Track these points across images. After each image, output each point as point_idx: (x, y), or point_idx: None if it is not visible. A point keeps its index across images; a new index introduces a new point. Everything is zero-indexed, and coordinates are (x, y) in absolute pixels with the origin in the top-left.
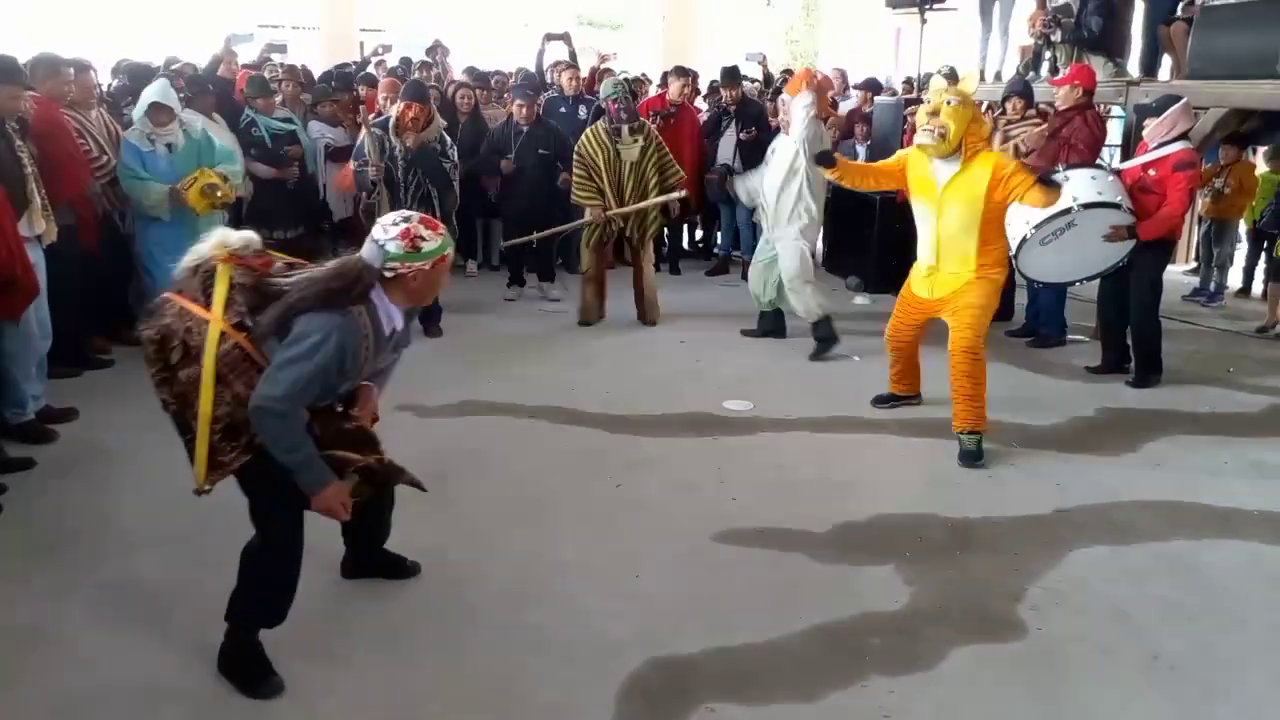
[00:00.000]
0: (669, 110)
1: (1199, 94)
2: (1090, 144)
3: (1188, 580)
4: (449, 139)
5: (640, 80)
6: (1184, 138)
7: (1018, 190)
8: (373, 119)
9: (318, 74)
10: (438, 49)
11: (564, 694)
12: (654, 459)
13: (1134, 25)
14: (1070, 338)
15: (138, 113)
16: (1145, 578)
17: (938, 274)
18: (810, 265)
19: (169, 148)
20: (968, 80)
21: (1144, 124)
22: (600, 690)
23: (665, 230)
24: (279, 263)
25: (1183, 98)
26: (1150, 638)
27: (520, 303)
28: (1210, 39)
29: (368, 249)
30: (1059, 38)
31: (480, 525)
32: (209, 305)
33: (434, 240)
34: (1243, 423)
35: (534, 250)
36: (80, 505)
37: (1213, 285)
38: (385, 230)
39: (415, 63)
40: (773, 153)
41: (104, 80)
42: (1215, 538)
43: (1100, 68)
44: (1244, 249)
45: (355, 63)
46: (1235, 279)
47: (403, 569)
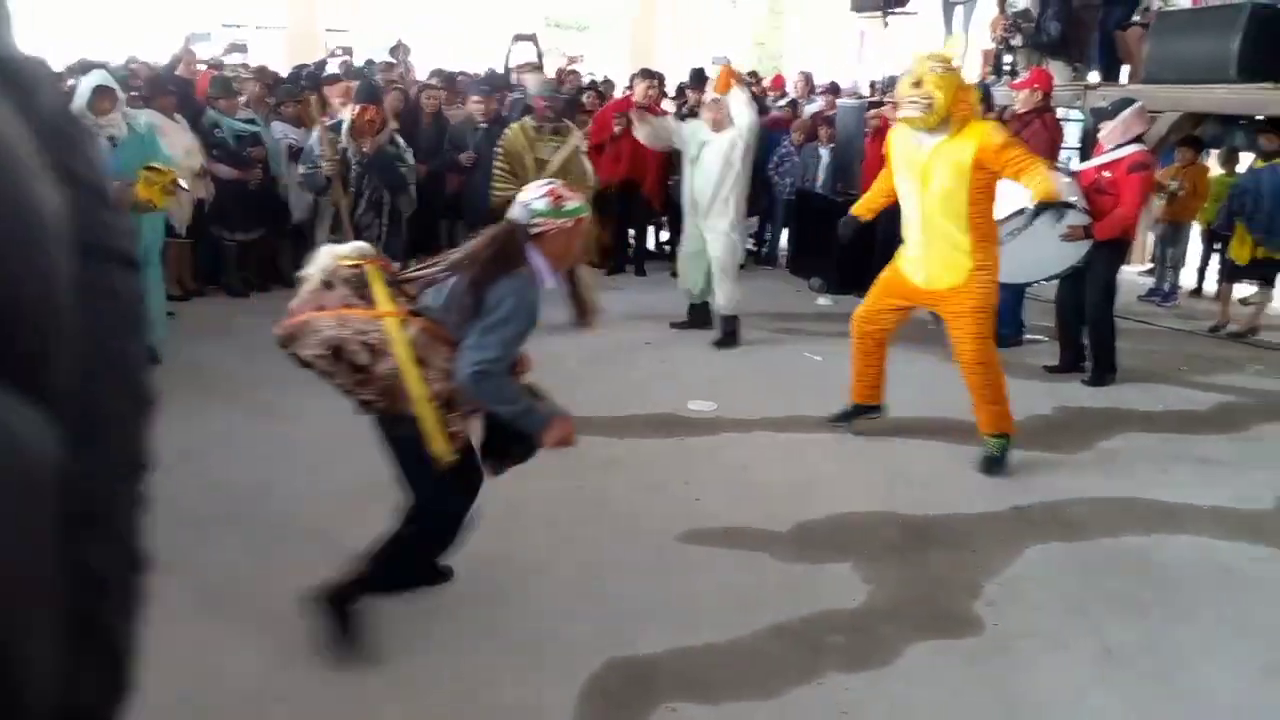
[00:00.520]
0: (632, 114)
1: (1154, 98)
2: (1048, 146)
3: (1139, 574)
4: (402, 141)
5: (606, 83)
6: (1139, 140)
7: (1014, 166)
8: (326, 121)
9: (282, 74)
10: (400, 49)
11: (525, 695)
12: (619, 460)
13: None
14: (1028, 337)
15: (79, 103)
16: (1098, 572)
17: (929, 259)
18: (739, 258)
19: (111, 141)
20: (952, 45)
21: (1100, 127)
22: (562, 691)
23: (630, 232)
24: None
25: (1138, 101)
26: (1103, 631)
27: None
28: (1165, 44)
29: (515, 211)
30: (1019, 42)
31: None
32: (369, 306)
33: (574, 200)
34: (1194, 420)
35: None
36: None
37: (1167, 285)
38: (532, 192)
39: (378, 63)
40: (703, 146)
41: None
42: (1166, 533)
43: (1059, 72)
44: (1198, 250)
45: (315, 63)
46: (1190, 279)
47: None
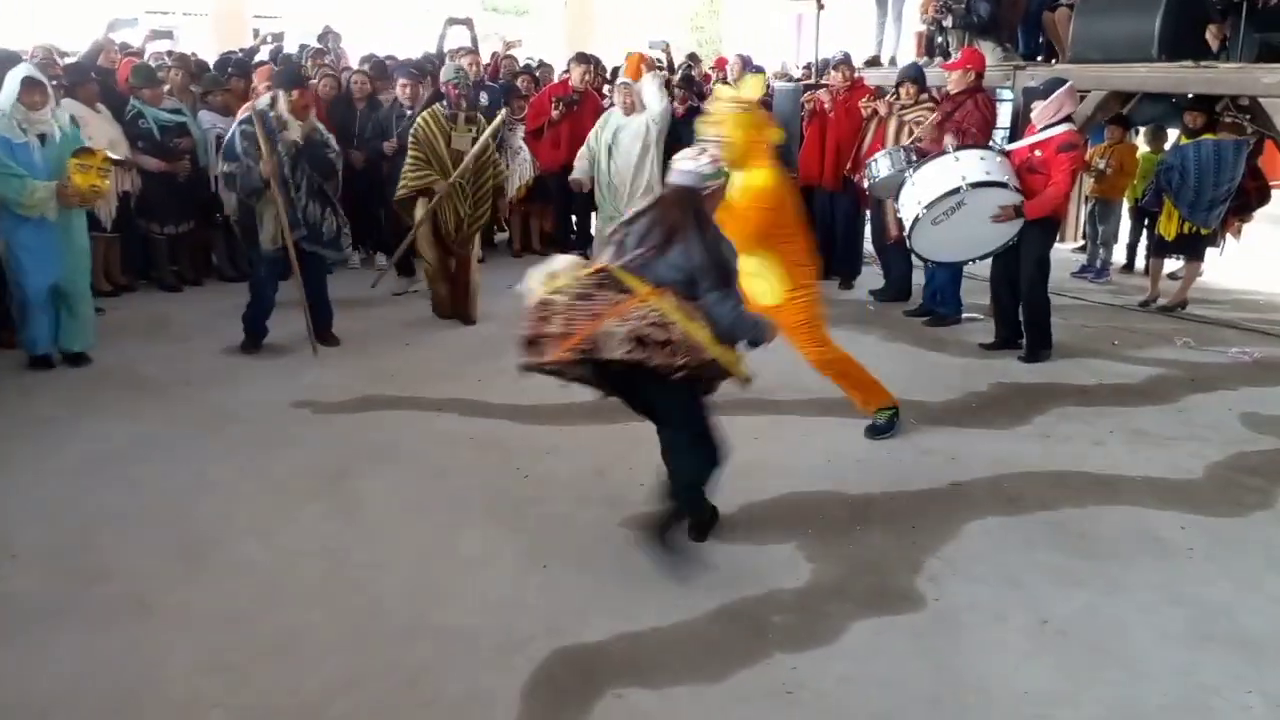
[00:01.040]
0: (572, 97)
1: (1081, 77)
2: (981, 126)
3: (1075, 546)
4: (322, 126)
5: (542, 66)
6: (1068, 120)
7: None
8: (242, 113)
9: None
10: (330, 35)
11: (470, 690)
12: (562, 447)
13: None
14: (965, 315)
15: (6, 100)
16: (1035, 545)
17: (753, 280)
18: None
19: (42, 139)
20: (750, 86)
21: (1031, 106)
22: (507, 684)
23: (573, 219)
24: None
25: (1068, 81)
26: (1040, 603)
27: (418, 295)
28: (1090, 24)
29: (681, 178)
30: (950, 23)
31: (384, 522)
32: (631, 295)
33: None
34: (1127, 393)
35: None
36: None
37: (1099, 262)
38: (693, 160)
39: (309, 49)
40: (618, 131)
41: None
42: (1100, 505)
43: (990, 52)
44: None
45: (243, 50)
46: (1121, 256)
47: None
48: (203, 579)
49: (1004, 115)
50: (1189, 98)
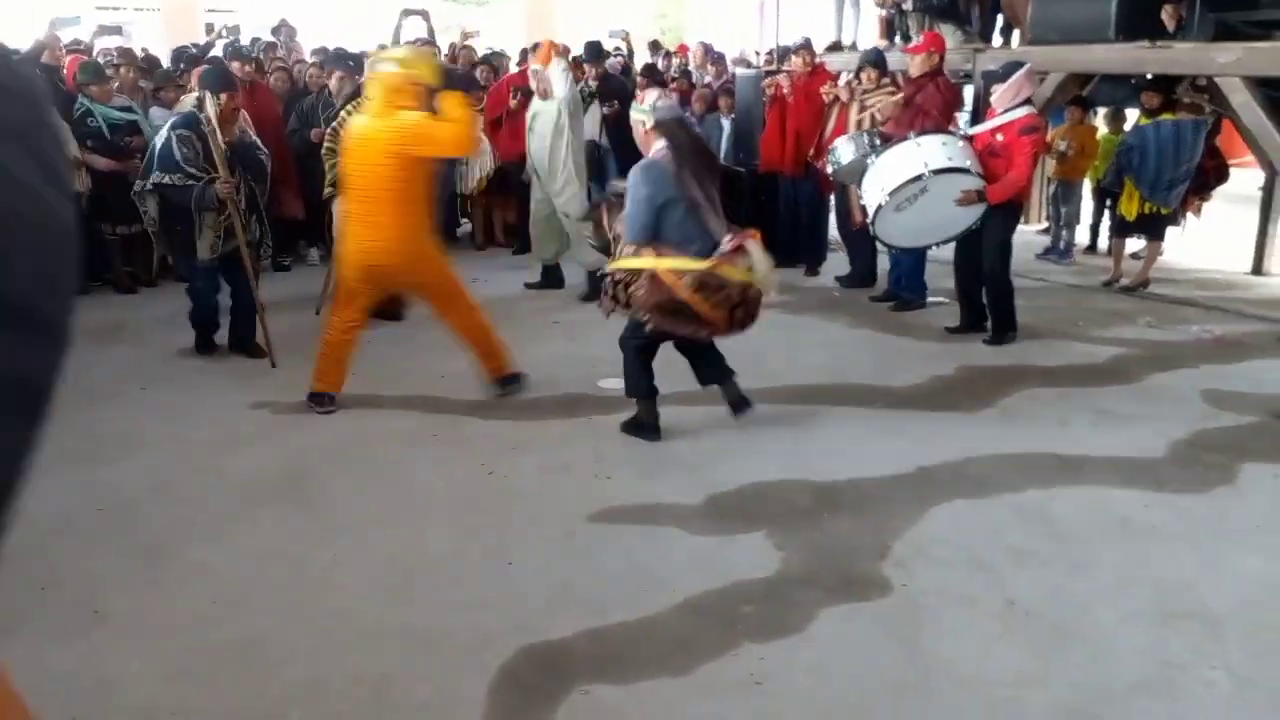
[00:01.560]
0: (530, 86)
1: (1040, 59)
2: (943, 109)
3: (1040, 528)
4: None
5: (499, 55)
6: (1028, 103)
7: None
8: (170, 117)
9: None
10: (283, 28)
11: (436, 692)
12: (527, 443)
13: None
14: (930, 300)
15: None
16: (1001, 528)
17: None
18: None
19: None
20: (413, 61)
21: (991, 90)
22: (473, 684)
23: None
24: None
25: (1027, 64)
26: (1007, 585)
27: None
28: (1048, 6)
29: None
30: (910, 6)
31: (345, 523)
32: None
33: None
34: (1091, 373)
35: None
36: None
37: (1062, 244)
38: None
39: (262, 43)
40: (535, 117)
41: None
42: (1065, 485)
43: (950, 35)
44: (1090, 207)
45: (197, 45)
46: (1084, 236)
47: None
48: (159, 585)
49: (965, 98)
50: (1147, 78)
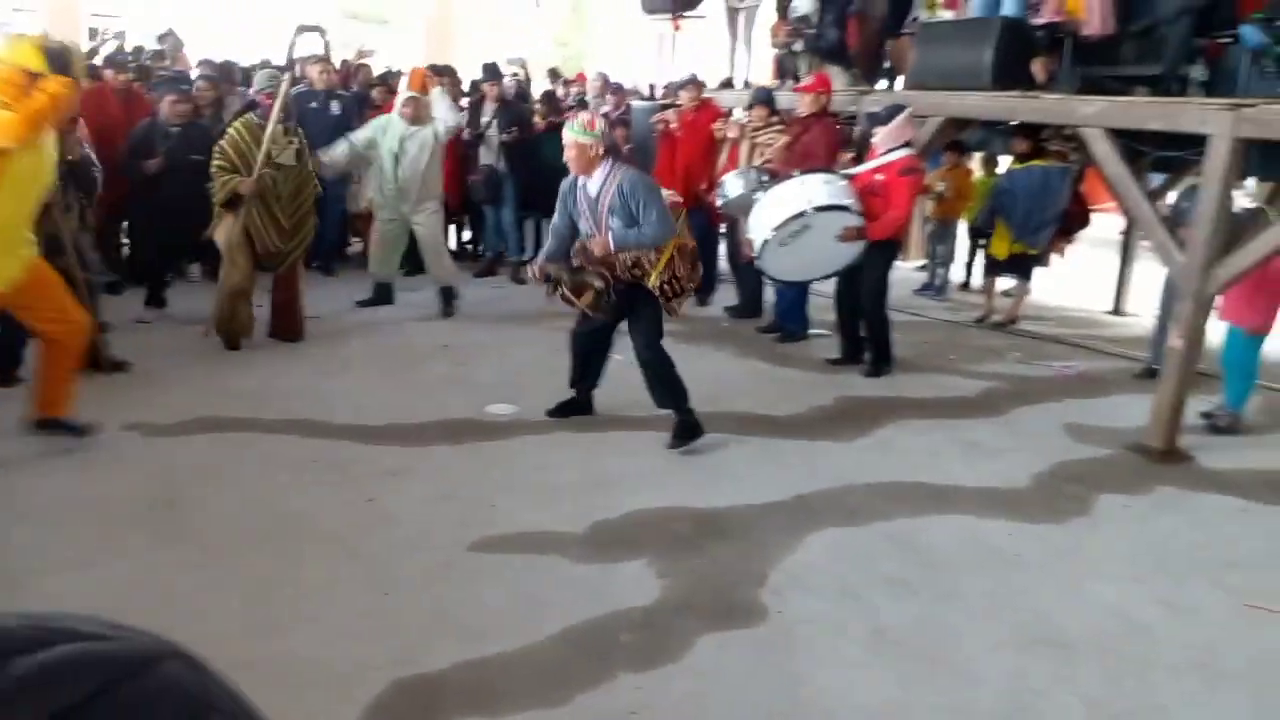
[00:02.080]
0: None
1: (920, 103)
2: (828, 149)
3: (911, 556)
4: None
5: (396, 75)
6: (909, 145)
7: None
8: None
9: None
10: (169, 37)
11: None
12: (410, 469)
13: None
14: (813, 332)
15: None
16: (873, 556)
17: None
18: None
19: None
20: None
21: (874, 131)
22: (344, 717)
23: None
24: None
25: (909, 107)
26: (876, 613)
27: None
28: (929, 53)
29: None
30: (800, 47)
31: (215, 552)
32: None
33: None
34: (961, 405)
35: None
36: None
37: (938, 281)
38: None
39: (147, 52)
40: (404, 139)
41: None
42: (935, 514)
43: (837, 77)
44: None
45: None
46: (959, 274)
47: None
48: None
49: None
50: (1019, 125)
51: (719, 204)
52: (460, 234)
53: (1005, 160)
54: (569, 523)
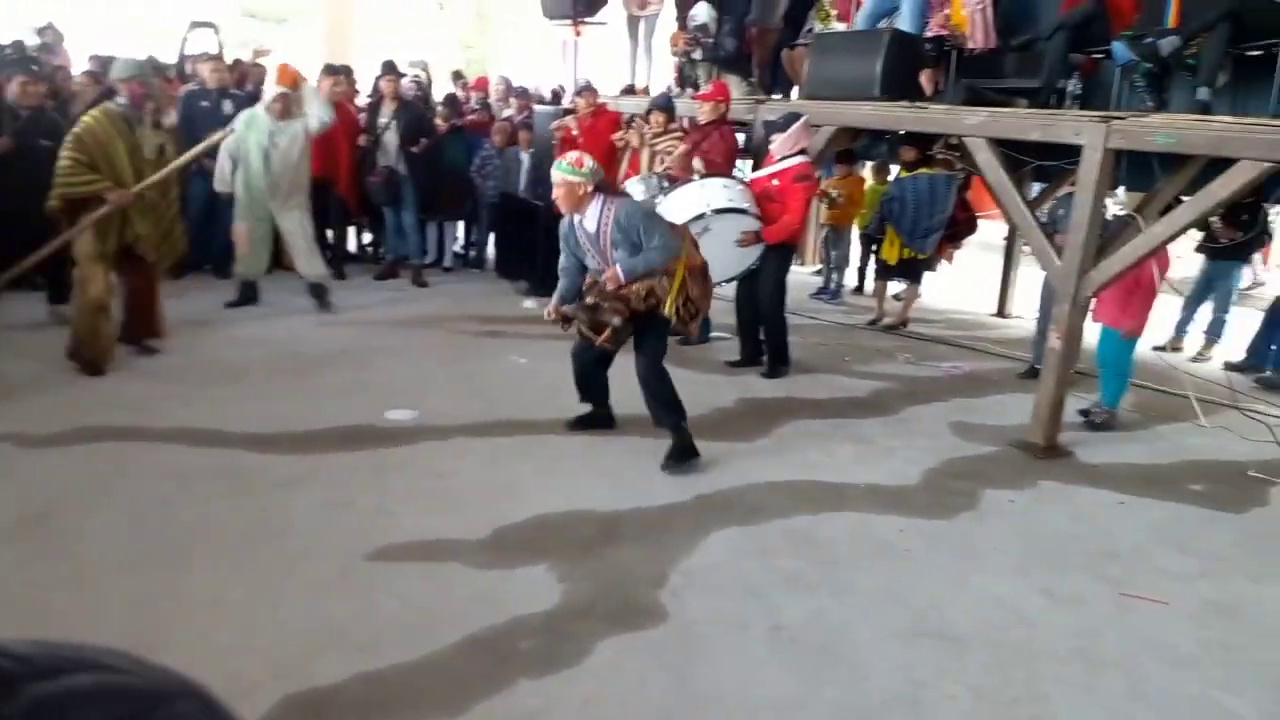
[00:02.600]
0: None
1: (814, 113)
2: (726, 155)
3: (808, 552)
4: None
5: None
6: (803, 153)
7: None
8: None
9: None
10: (49, 30)
11: None
12: (306, 478)
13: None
14: (714, 335)
15: None
16: (772, 553)
17: None
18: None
19: None
20: None
21: (771, 139)
22: None
23: (329, 233)
24: None
25: (803, 116)
26: (775, 610)
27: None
28: (822, 64)
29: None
30: (699, 56)
31: (93, 567)
32: None
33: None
34: (855, 406)
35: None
36: None
37: (833, 285)
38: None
39: (30, 47)
40: (274, 135)
41: None
42: (831, 511)
43: (735, 86)
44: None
45: None
46: (852, 278)
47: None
48: None
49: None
50: (906, 134)
51: None
52: (360, 237)
53: (896, 169)
54: (469, 529)
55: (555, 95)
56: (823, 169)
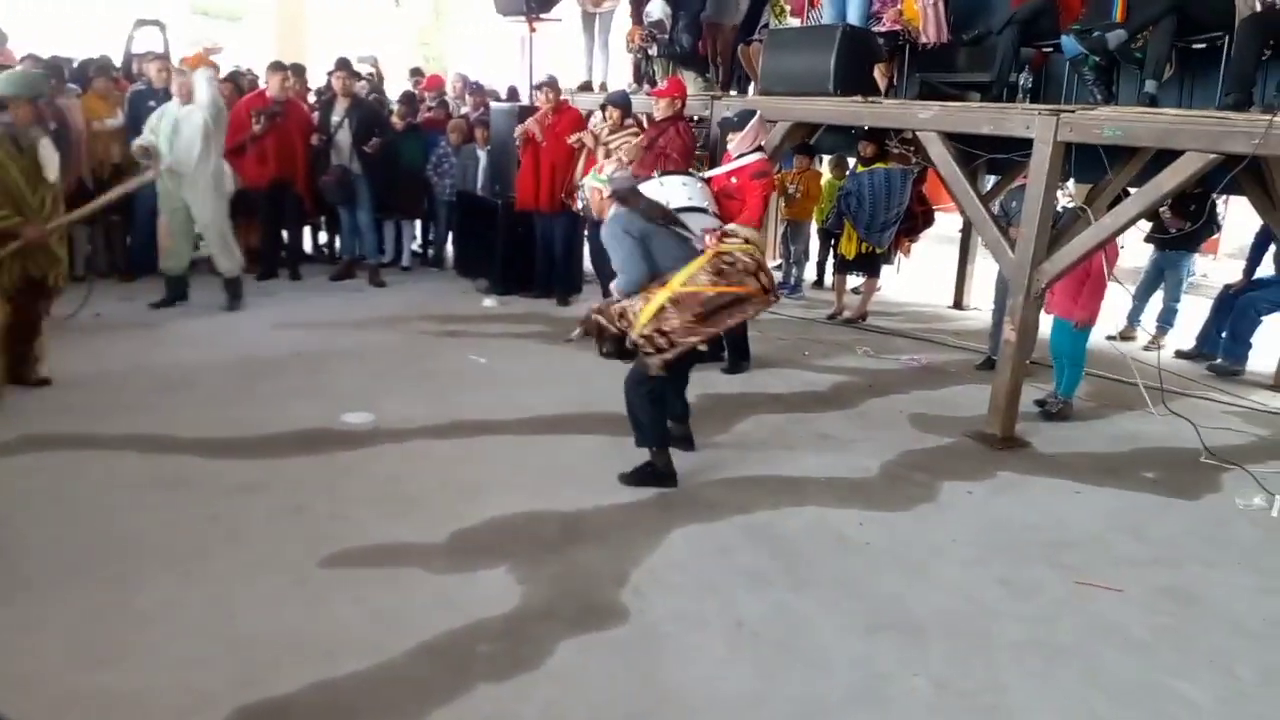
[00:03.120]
0: (274, 109)
1: (770, 109)
2: (683, 152)
3: (768, 548)
4: None
5: (248, 75)
6: (760, 149)
7: None
8: None
9: None
10: None
11: None
12: (259, 484)
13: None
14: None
15: None
16: (732, 550)
17: None
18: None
19: None
20: None
21: (728, 136)
22: None
23: (284, 234)
24: None
25: (758, 112)
26: (736, 606)
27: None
28: (776, 59)
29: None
30: (655, 52)
31: (37, 582)
32: None
33: None
34: (814, 400)
35: None
36: None
37: (792, 279)
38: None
39: None
40: (179, 121)
41: None
42: (791, 506)
43: (691, 82)
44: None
45: None
46: (811, 273)
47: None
48: None
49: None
50: (862, 129)
51: (579, 208)
52: (316, 236)
53: (853, 163)
54: (428, 533)
55: (512, 92)
56: (781, 163)
